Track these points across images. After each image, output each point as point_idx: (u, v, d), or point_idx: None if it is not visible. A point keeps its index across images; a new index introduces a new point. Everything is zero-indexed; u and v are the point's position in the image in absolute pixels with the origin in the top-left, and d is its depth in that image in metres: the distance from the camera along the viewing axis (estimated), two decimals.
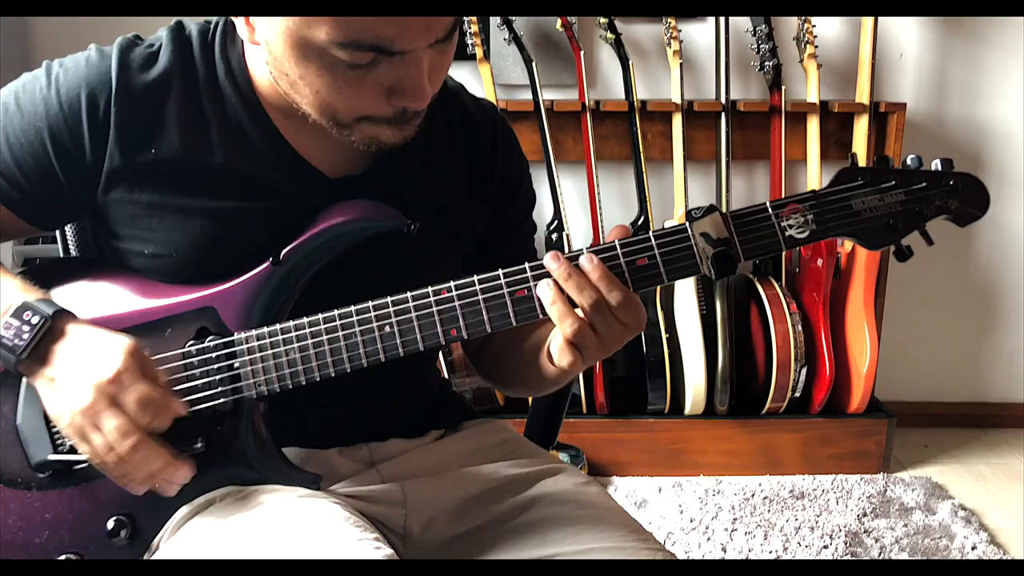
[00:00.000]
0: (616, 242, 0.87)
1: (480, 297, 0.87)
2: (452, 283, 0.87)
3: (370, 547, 0.84)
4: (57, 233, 1.11)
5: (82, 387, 0.83)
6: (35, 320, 0.85)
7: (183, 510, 0.91)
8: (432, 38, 0.83)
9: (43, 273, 0.95)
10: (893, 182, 0.87)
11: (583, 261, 0.85)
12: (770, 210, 0.86)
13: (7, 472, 0.90)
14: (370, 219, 0.92)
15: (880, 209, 0.87)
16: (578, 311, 0.86)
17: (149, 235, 0.93)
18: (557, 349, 0.87)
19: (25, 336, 0.84)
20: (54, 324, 0.85)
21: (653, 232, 0.87)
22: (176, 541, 0.90)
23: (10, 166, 0.92)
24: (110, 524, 0.89)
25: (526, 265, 0.87)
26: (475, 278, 0.87)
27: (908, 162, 0.88)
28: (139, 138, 0.92)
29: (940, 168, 0.88)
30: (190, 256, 0.93)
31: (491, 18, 2.46)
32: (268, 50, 0.86)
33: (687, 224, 0.86)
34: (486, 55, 2.44)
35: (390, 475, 1.00)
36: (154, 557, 0.91)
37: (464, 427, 1.10)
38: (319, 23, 0.80)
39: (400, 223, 0.92)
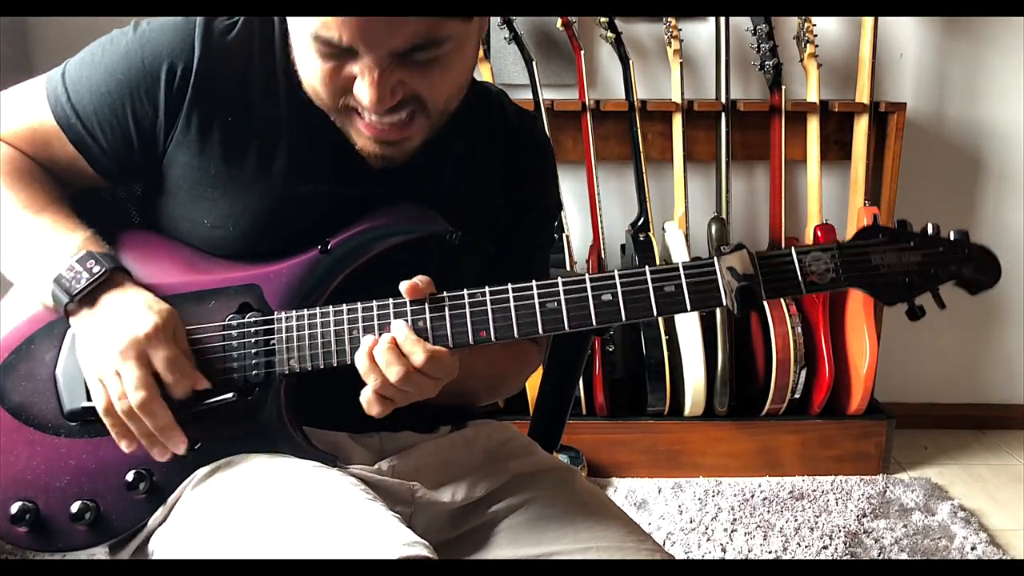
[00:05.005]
0: (647, 268, 0.90)
1: (512, 304, 0.90)
2: (487, 288, 0.91)
3: (380, 508, 0.87)
4: None
5: (117, 333, 0.88)
6: (96, 269, 0.90)
7: (201, 471, 0.93)
8: (386, 48, 0.84)
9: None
10: (912, 243, 0.91)
11: (394, 326, 0.89)
12: (794, 255, 0.90)
13: (39, 417, 0.95)
14: (417, 223, 0.97)
15: (897, 267, 0.92)
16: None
17: (210, 205, 0.97)
18: (365, 400, 0.89)
19: (83, 281, 0.90)
20: (111, 277, 0.91)
21: (682, 263, 0.90)
22: (192, 499, 0.92)
23: (89, 114, 0.96)
24: (130, 476, 0.93)
25: (559, 280, 0.90)
26: (509, 286, 0.90)
27: (928, 228, 0.93)
28: (217, 104, 0.95)
29: (957, 238, 0.93)
30: (245, 233, 0.97)
31: (491, 17, 2.46)
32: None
33: (715, 258, 0.89)
34: (486, 54, 2.44)
35: (402, 471, 1.01)
36: (170, 514, 0.93)
37: (469, 426, 1.10)
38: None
39: (444, 230, 0.97)
